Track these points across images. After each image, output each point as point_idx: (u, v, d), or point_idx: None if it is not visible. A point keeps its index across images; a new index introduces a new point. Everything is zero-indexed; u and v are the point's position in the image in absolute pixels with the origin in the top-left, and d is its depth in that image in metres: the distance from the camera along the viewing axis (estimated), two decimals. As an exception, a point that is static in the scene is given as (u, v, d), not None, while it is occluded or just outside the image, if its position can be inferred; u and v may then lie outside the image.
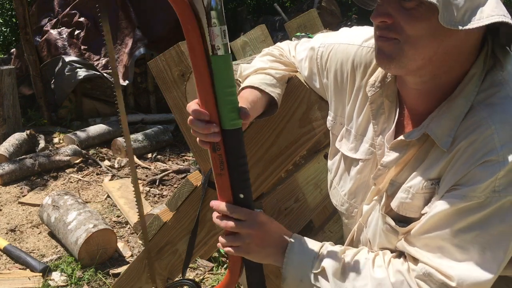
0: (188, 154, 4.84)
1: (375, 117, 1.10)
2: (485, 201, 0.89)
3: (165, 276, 1.67)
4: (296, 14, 6.18)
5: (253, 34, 2.11)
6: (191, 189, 1.51)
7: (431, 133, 0.96)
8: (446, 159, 0.94)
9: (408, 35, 0.90)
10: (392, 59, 0.94)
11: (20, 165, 4.13)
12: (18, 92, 5.33)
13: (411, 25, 0.89)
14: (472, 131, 0.92)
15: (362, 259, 1.02)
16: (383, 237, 1.08)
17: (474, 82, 0.94)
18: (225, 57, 0.91)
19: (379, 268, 1.00)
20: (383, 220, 1.06)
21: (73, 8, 6.04)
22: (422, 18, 0.88)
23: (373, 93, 1.09)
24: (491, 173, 0.88)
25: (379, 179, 1.08)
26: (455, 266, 0.91)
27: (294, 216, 1.47)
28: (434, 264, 0.93)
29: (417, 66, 0.93)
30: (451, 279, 0.91)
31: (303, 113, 1.33)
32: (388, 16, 0.91)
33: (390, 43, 0.93)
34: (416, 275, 0.96)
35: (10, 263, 2.93)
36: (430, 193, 0.98)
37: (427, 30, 0.89)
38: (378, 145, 1.10)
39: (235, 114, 0.95)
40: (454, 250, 0.92)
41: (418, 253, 0.97)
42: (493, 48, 0.96)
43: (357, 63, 1.15)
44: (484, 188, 0.88)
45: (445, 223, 0.92)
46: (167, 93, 1.46)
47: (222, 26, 0.89)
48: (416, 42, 0.90)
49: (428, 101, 1.00)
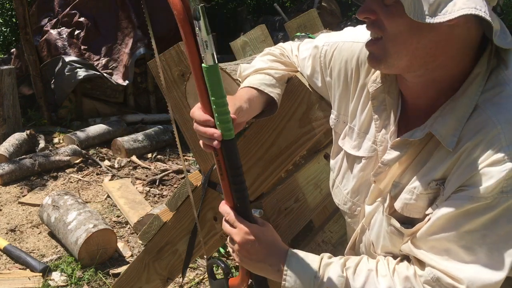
0: (188, 154, 4.84)
1: (376, 113, 1.10)
2: (493, 202, 0.88)
3: (165, 276, 1.67)
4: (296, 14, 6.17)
5: (253, 34, 2.11)
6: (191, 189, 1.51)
7: (436, 133, 0.95)
8: (452, 159, 0.94)
9: (389, 32, 0.93)
10: (380, 60, 0.97)
11: (20, 165, 4.13)
12: (18, 92, 5.33)
13: (390, 21, 0.92)
14: (477, 131, 0.91)
15: (365, 271, 1.00)
16: (387, 240, 1.07)
17: (478, 82, 0.94)
18: (212, 67, 0.90)
19: (383, 278, 0.98)
20: (388, 222, 1.05)
21: (73, 8, 6.04)
22: (399, 14, 0.89)
23: (374, 88, 1.09)
24: (498, 173, 0.87)
25: (379, 176, 1.07)
26: (463, 269, 0.90)
27: (294, 216, 1.47)
28: (441, 267, 0.92)
29: (405, 63, 0.95)
30: (460, 282, 0.90)
31: (303, 113, 1.33)
32: (371, 13, 0.94)
33: (377, 46, 0.96)
34: (424, 281, 0.94)
35: (10, 263, 2.93)
36: (434, 193, 0.97)
37: (404, 26, 0.90)
38: (379, 142, 1.10)
39: (227, 126, 0.95)
40: (462, 252, 0.91)
41: (424, 256, 0.96)
42: (496, 47, 0.96)
43: (361, 60, 1.15)
44: (491, 189, 0.88)
45: (452, 224, 0.92)
46: (167, 93, 1.46)
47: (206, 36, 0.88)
48: (395, 39, 0.92)
49: (428, 96, 1.00)
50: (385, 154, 1.06)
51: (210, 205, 1.48)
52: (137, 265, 1.71)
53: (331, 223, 1.70)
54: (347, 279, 0.99)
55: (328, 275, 1.00)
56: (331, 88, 1.25)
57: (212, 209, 1.48)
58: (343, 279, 0.99)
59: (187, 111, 1.46)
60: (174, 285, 2.64)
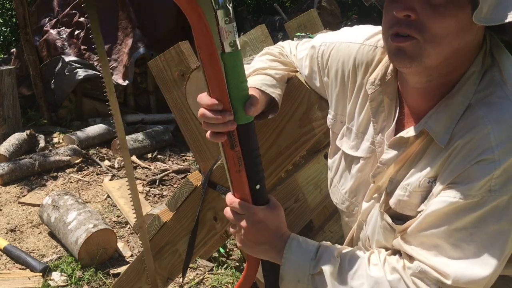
0: (188, 154, 4.84)
1: (375, 115, 1.10)
2: (481, 200, 0.89)
3: (165, 276, 1.67)
4: (296, 14, 6.18)
5: (253, 34, 2.11)
6: (191, 189, 1.51)
7: (429, 129, 0.96)
8: (443, 157, 0.95)
9: (433, 33, 0.88)
10: (413, 59, 0.92)
11: (20, 165, 4.12)
12: (18, 92, 5.33)
13: (438, 23, 0.87)
14: (469, 129, 0.92)
15: (358, 259, 1.02)
16: (381, 235, 1.08)
17: (473, 81, 0.95)
18: (237, 53, 0.91)
19: (375, 266, 1.00)
20: (381, 217, 1.06)
21: (73, 8, 6.04)
22: (450, 15, 0.87)
23: (373, 91, 1.09)
24: (487, 172, 0.88)
25: (378, 177, 1.08)
26: (450, 264, 0.91)
27: (294, 216, 1.47)
28: (429, 262, 0.94)
29: (436, 63, 0.93)
30: (446, 277, 0.91)
31: (303, 113, 1.33)
32: (412, 11, 0.89)
33: (411, 43, 0.91)
34: (411, 273, 0.96)
35: (10, 263, 2.93)
36: (427, 191, 0.98)
37: (453, 28, 0.88)
38: (378, 143, 1.10)
39: None
40: (450, 249, 0.92)
41: (414, 251, 0.97)
42: (490, 46, 0.96)
43: (358, 61, 1.15)
44: (480, 187, 0.89)
45: (441, 221, 0.93)
46: (167, 93, 1.46)
47: (233, 23, 0.90)
48: (441, 41, 0.89)
49: (429, 100, 1.00)
50: (383, 154, 1.06)
51: (210, 205, 1.48)
52: (137, 265, 1.71)
53: (331, 223, 1.70)
54: (341, 263, 1.02)
55: (324, 257, 1.03)
56: (329, 88, 1.25)
57: (212, 209, 1.48)
58: (337, 263, 1.01)
59: (187, 111, 1.46)
60: (174, 285, 2.64)
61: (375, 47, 1.13)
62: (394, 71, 1.07)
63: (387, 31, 0.96)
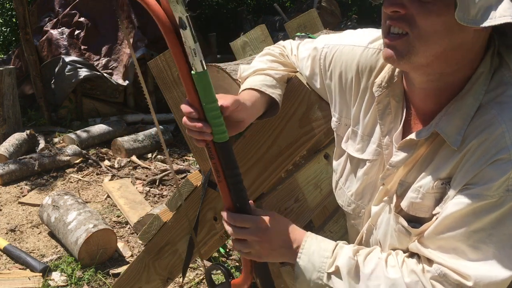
0: (188, 154, 4.85)
1: (381, 118, 1.09)
2: (499, 201, 0.88)
3: (165, 276, 1.67)
4: (296, 14, 6.18)
5: (253, 34, 2.11)
6: (191, 189, 1.51)
7: (441, 131, 0.95)
8: (457, 159, 0.94)
9: (421, 29, 0.89)
10: (403, 57, 0.93)
11: (20, 165, 4.13)
12: (18, 92, 5.33)
13: (426, 19, 0.88)
14: (482, 130, 0.91)
15: (375, 259, 1.02)
16: (394, 238, 1.07)
17: (482, 81, 0.94)
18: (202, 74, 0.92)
19: (392, 268, 0.99)
20: (396, 220, 1.05)
21: (73, 8, 6.04)
22: (438, 12, 0.87)
23: (379, 93, 1.08)
24: (503, 171, 0.87)
25: (387, 179, 1.07)
26: (471, 266, 0.90)
27: (294, 216, 1.47)
28: (449, 264, 0.93)
29: (425, 62, 0.93)
30: (467, 279, 0.90)
31: (303, 113, 1.33)
32: (401, 6, 0.89)
33: (401, 41, 0.92)
34: (431, 276, 0.95)
35: (10, 263, 2.93)
36: (440, 193, 0.97)
37: (441, 26, 0.88)
38: (385, 145, 1.10)
39: (220, 128, 0.97)
40: (469, 251, 0.91)
41: (432, 255, 0.96)
42: (498, 47, 0.96)
43: (362, 64, 1.14)
44: (497, 187, 0.88)
45: (459, 224, 0.92)
46: (167, 93, 1.46)
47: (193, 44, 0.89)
48: (428, 38, 0.89)
49: (436, 101, 0.99)
50: (392, 156, 1.06)
51: (210, 205, 1.48)
52: (137, 265, 1.71)
53: (331, 223, 1.70)
54: (358, 262, 1.01)
55: (340, 256, 1.03)
56: (331, 91, 1.24)
57: (212, 209, 1.48)
58: (354, 262, 1.01)
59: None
60: (174, 285, 2.64)
61: (379, 50, 1.12)
62: (400, 73, 1.07)
63: (382, 27, 0.97)
